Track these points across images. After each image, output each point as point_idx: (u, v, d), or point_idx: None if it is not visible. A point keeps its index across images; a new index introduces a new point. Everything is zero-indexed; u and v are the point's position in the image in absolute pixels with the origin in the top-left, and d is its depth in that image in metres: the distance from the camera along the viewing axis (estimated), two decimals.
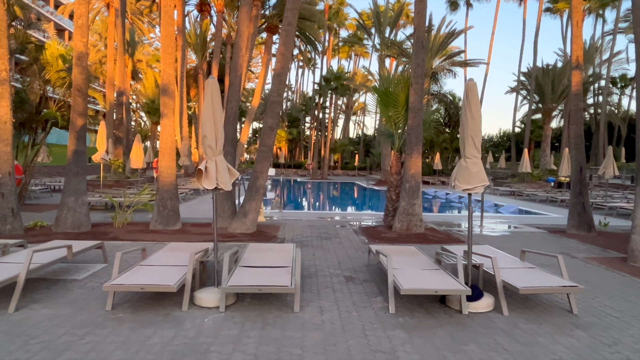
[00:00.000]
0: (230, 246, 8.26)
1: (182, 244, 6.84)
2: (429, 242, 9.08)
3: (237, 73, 10.58)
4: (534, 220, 13.26)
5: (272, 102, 9.32)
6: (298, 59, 65.89)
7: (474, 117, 5.00)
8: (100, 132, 13.46)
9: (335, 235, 9.73)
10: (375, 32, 36.27)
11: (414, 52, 9.98)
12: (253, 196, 9.51)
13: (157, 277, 4.89)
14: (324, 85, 37.37)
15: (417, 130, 9.87)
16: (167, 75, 9.86)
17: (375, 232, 9.99)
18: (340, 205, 19.97)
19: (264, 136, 9.42)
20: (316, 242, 8.90)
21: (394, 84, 10.41)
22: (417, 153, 9.85)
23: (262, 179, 9.52)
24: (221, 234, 9.42)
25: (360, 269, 6.74)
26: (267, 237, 9.20)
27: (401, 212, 9.85)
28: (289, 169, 45.53)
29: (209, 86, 5.04)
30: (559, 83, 28.68)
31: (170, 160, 9.89)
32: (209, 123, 4.98)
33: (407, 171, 9.88)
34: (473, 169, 5.01)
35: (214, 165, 4.98)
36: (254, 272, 5.12)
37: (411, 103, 9.88)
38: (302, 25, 27.75)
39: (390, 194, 10.59)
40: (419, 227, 9.80)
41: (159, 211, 9.81)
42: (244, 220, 9.53)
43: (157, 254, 6.03)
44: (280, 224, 11.10)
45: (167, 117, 9.87)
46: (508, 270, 5.42)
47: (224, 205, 10.22)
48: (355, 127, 72.10)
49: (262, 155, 9.45)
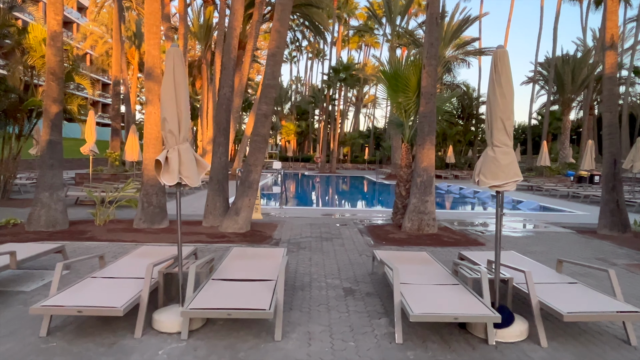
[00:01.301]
0: (217, 249, 7.31)
1: (156, 248, 5.88)
2: (443, 244, 8.02)
3: (231, 55, 9.57)
4: (557, 218, 12.10)
5: (266, 86, 8.30)
6: (307, 50, 64.69)
7: (505, 95, 3.93)
8: (89, 123, 12.58)
9: (338, 235, 8.72)
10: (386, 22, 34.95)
11: (427, 29, 8.86)
12: (246, 192, 8.53)
13: (104, 295, 3.93)
14: (333, 75, 36.15)
15: (430, 118, 8.78)
16: (152, 57, 8.88)
17: (383, 232, 8.95)
18: (347, 200, 18.93)
19: (257, 125, 8.41)
20: (315, 243, 7.90)
21: (404, 66, 9.30)
22: (430, 144, 8.77)
23: (256, 172, 8.53)
24: (211, 233, 8.48)
25: (363, 279, 5.72)
26: (261, 238, 8.23)
27: (412, 210, 8.79)
28: (297, 163, 44.53)
29: (170, 56, 4.03)
30: (579, 73, 27.17)
31: (155, 151, 8.94)
32: (170, 103, 3.98)
33: (419, 164, 8.81)
34: (503, 160, 3.94)
35: (176, 156, 3.98)
36: (228, 288, 4.13)
37: (423, 87, 8.78)
38: (309, 12, 26.62)
39: (399, 189, 9.53)
40: (431, 227, 8.74)
41: (143, 208, 8.89)
42: (236, 219, 8.56)
43: (119, 261, 5.08)
44: (278, 222, 10.12)
45: (152, 104, 8.91)
46: (544, 287, 4.36)
47: (215, 202, 9.26)
48: (365, 119, 70.80)
49: (256, 146, 8.44)
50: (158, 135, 9.03)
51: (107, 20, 45.07)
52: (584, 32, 39.42)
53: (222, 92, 9.48)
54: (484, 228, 10.06)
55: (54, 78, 8.38)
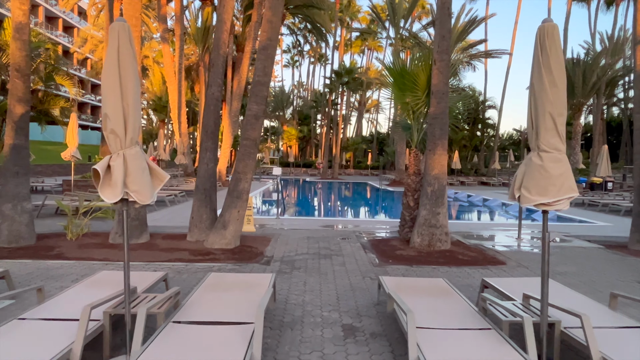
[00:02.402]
0: (199, 269, 6.33)
1: (119, 273, 4.91)
2: (458, 262, 7.01)
3: (220, 52, 8.64)
4: (579, 229, 11.06)
5: (256, 83, 7.35)
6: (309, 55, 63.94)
7: (556, 83, 2.95)
8: (71, 126, 11.67)
9: (339, 251, 7.73)
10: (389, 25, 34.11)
11: (438, 21, 7.91)
12: (234, 202, 7.56)
13: (26, 348, 2.96)
14: (336, 79, 35.26)
15: (442, 120, 7.81)
16: None
17: (389, 248, 7.95)
18: (349, 209, 17.92)
19: (246, 127, 7.45)
20: (312, 262, 6.91)
21: (412, 62, 8.34)
22: (442, 149, 7.79)
23: (245, 180, 7.56)
24: (194, 250, 7.50)
25: (367, 311, 4.72)
26: (251, 255, 7.25)
27: (421, 223, 7.80)
28: (299, 168, 43.57)
29: (113, 34, 3.08)
30: (590, 75, 26.10)
31: None
32: (112, 94, 3.03)
33: (429, 171, 7.82)
34: (554, 170, 2.96)
35: (120, 164, 3.01)
36: (191, 337, 3.15)
37: (434, 86, 7.82)
38: (310, 13, 25.78)
39: (407, 199, 8.54)
40: (443, 243, 7.74)
41: (120, 220, 7.93)
42: (223, 233, 7.59)
43: (64, 294, 4.11)
44: (273, 235, 9.14)
45: None
46: (601, 333, 3.36)
47: (201, 213, 8.29)
48: (368, 124, 69.90)
49: (245, 152, 7.48)
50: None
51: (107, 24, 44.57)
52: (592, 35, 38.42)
53: (210, 91, 8.54)
54: (500, 242, 9.04)
55: (19, 75, 7.46)
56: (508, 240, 9.32)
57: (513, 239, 9.46)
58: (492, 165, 30.91)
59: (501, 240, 9.38)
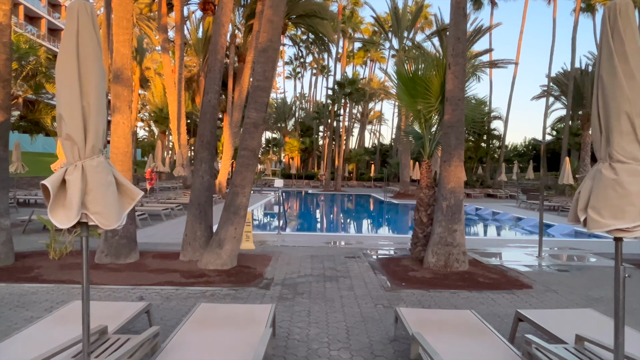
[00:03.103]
0: (190, 295, 5.65)
1: (94, 304, 4.23)
2: (479, 286, 6.31)
3: (217, 56, 8.07)
4: (600, 246, 10.33)
5: (255, 89, 6.74)
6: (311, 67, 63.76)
7: (634, 74, 2.31)
8: None
9: (345, 272, 7.04)
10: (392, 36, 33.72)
11: (453, 22, 7.32)
12: (231, 219, 6.90)
13: None
14: (338, 90, 34.77)
15: (458, 129, 7.17)
16: (121, 56, 7.38)
17: (401, 269, 7.25)
18: (353, 223, 17.23)
19: (245, 136, 6.82)
20: (317, 286, 6.22)
21: (424, 66, 7.73)
22: (458, 159, 7.14)
23: (243, 195, 6.91)
24: (187, 271, 6.82)
25: (383, 350, 4.03)
26: (248, 277, 6.56)
27: (436, 241, 7.11)
28: (301, 180, 42.94)
29: (72, 15, 2.45)
30: None
31: (123, 169, 7.37)
32: (69, 91, 2.39)
33: (444, 184, 7.16)
34: (633, 186, 2.29)
35: (78, 178, 2.36)
36: None
37: (449, 91, 7.20)
38: (312, 23, 25.39)
39: (419, 215, 7.86)
40: (461, 263, 7.04)
41: (107, 238, 7.27)
42: (219, 253, 6.91)
43: (21, 334, 3.43)
44: (273, 253, 8.46)
45: (121, 113, 7.37)
46: None
47: (195, 230, 7.63)
48: (371, 136, 69.42)
49: (243, 163, 6.84)
50: (126, 150, 7.47)
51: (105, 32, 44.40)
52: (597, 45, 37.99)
53: (207, 98, 7.94)
54: (520, 261, 8.33)
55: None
56: (528, 258, 8.61)
57: (533, 257, 8.75)
58: (499, 177, 30.21)
59: (520, 258, 8.67)
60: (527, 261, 8.34)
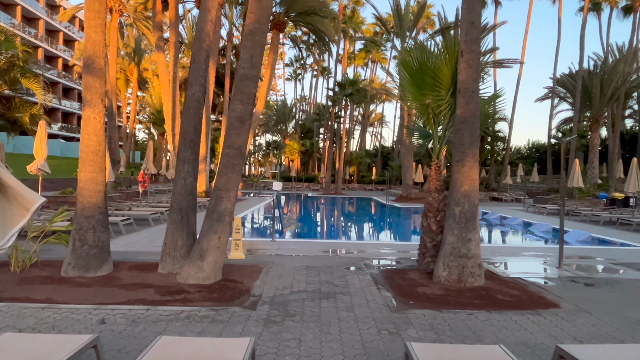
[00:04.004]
0: (161, 318, 4.80)
1: (28, 338, 3.38)
2: (499, 306, 5.45)
3: (203, 45, 7.24)
4: (623, 254, 9.47)
5: (241, 78, 5.90)
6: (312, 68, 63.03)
7: None
8: (39, 136, 10.24)
9: (344, 287, 6.19)
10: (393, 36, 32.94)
11: (466, 4, 6.48)
12: (214, 227, 6.06)
13: None
14: (339, 91, 33.95)
15: (472, 125, 6.34)
16: (92, 43, 6.56)
17: (408, 284, 6.39)
18: (354, 228, 16.37)
19: (229, 132, 5.98)
20: (311, 305, 5.37)
21: (432, 55, 6.88)
22: (472, 159, 6.30)
23: (228, 199, 6.06)
24: (164, 286, 5.98)
25: None
26: (233, 294, 5.71)
27: (448, 252, 6.26)
28: (301, 183, 42.07)
29: None
30: (608, 85, 24.70)
31: (94, 170, 6.54)
32: None
33: (457, 187, 6.31)
34: None
35: None
36: None
37: (461, 82, 6.37)
38: (312, 21, 24.60)
39: (428, 221, 7.00)
40: (476, 277, 6.18)
41: (75, 248, 6.43)
42: (200, 265, 6.06)
43: None
44: (265, 264, 7.60)
45: (92, 106, 6.54)
46: None
47: (176, 239, 6.78)
48: (372, 138, 68.60)
49: (228, 163, 6.00)
50: (98, 149, 6.64)
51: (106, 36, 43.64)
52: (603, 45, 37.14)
53: (190, 92, 7.11)
54: (539, 274, 7.47)
55: None
56: (547, 270, 7.75)
57: (553, 267, 7.89)
58: (504, 179, 29.36)
59: (539, 270, 7.82)
60: (547, 273, 7.49)
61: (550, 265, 8.09)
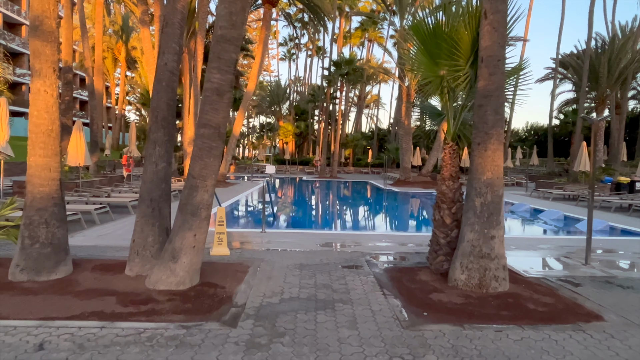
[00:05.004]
0: (116, 338, 3.82)
1: None
2: (532, 318, 4.51)
3: (177, 5, 6.10)
4: None
5: (219, 40, 4.81)
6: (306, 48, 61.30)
7: None
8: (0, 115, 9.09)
9: (345, 292, 5.22)
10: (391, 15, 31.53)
11: None
12: (188, 222, 5.04)
13: None
14: (335, 70, 32.64)
15: (497, 100, 5.31)
16: (40, 2, 5.40)
17: (418, 288, 5.43)
18: (352, 216, 15.42)
19: (205, 108, 4.91)
20: (305, 319, 4.40)
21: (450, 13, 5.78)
22: (497, 141, 5.29)
23: (204, 189, 5.03)
24: (129, 293, 4.99)
25: None
26: (211, 304, 4.73)
27: (467, 251, 5.29)
28: (295, 166, 41.01)
29: None
30: (616, 64, 23.63)
31: (46, 154, 5.47)
32: None
33: (478, 175, 5.32)
34: None
35: None
36: None
37: (484, 49, 5.31)
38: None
39: (441, 213, 6.01)
40: (501, 282, 5.23)
41: (24, 247, 5.40)
42: (173, 268, 5.07)
43: None
44: (252, 262, 6.63)
45: (42, 77, 5.43)
46: None
47: (146, 235, 5.76)
48: (368, 120, 67.33)
49: (204, 145, 4.94)
50: (52, 128, 5.54)
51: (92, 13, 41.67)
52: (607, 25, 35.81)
53: (162, 60, 6.00)
54: (567, 273, 6.54)
55: None
56: (573, 267, 6.82)
57: (578, 263, 6.98)
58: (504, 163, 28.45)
59: (563, 267, 6.90)
60: (574, 271, 6.56)
61: (575, 261, 7.17)
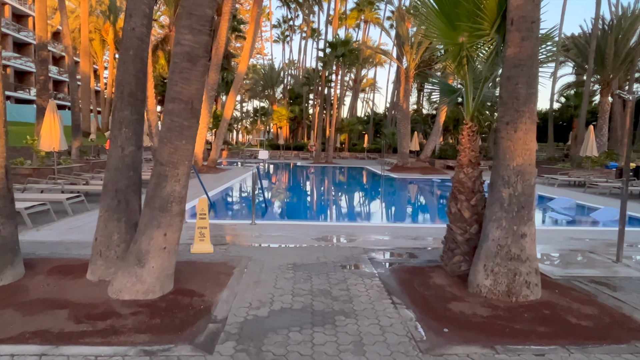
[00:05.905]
0: None
1: None
2: (577, 336, 3.68)
3: None
4: None
5: None
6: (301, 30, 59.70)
7: None
8: None
9: (347, 303, 4.37)
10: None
11: None
12: (156, 219, 4.15)
13: None
14: (330, 52, 31.44)
15: (530, 71, 4.40)
16: None
17: (433, 294, 4.59)
18: (349, 205, 14.57)
19: (174, 78, 3.98)
20: (299, 339, 3.54)
21: None
22: (530, 120, 4.40)
23: (175, 179, 4.12)
24: (86, 304, 4.11)
25: None
26: (185, 318, 3.86)
27: (492, 252, 4.44)
28: (290, 151, 40.00)
29: None
30: (624, 45, 22.69)
31: None
32: None
33: (506, 161, 4.44)
34: None
35: None
36: None
37: (515, 9, 4.39)
38: None
39: (458, 205, 5.14)
40: (533, 289, 4.40)
41: None
42: (139, 273, 4.18)
43: None
44: (239, 261, 5.76)
45: None
46: None
47: (111, 232, 4.85)
48: (363, 105, 66.16)
49: (173, 125, 4.02)
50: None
51: None
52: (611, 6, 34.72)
53: (129, 25, 5.01)
54: (601, 275, 5.73)
55: None
56: (605, 264, 6.02)
57: (609, 261, 6.18)
58: None
59: (593, 266, 6.08)
60: (607, 271, 5.75)
61: (603, 258, 6.37)
